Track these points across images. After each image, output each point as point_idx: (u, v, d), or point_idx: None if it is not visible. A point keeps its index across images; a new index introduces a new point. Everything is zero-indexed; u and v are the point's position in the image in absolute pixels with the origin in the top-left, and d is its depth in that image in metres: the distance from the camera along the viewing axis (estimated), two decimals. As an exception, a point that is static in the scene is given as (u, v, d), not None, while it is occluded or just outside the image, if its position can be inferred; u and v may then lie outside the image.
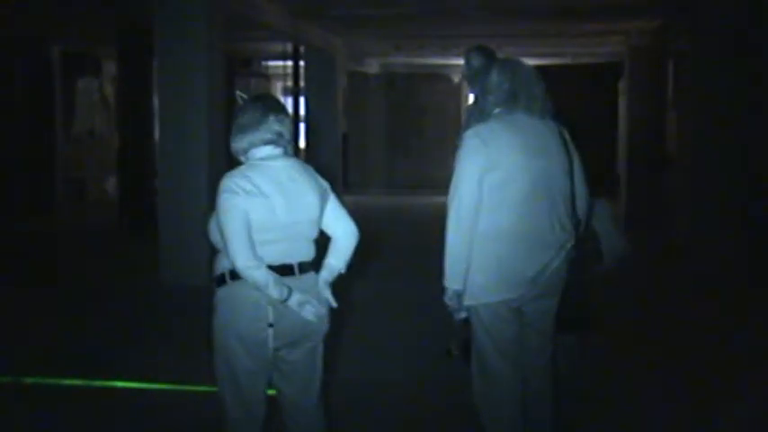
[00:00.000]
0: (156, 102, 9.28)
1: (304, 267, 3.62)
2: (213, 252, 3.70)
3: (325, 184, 3.78)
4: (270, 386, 3.74)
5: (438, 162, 19.10)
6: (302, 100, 15.44)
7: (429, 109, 20.78)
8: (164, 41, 9.00)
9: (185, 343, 6.64)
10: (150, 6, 9.04)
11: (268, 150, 3.62)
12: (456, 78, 20.54)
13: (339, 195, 3.84)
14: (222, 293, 3.60)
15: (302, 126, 14.94)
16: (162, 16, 8.96)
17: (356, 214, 3.93)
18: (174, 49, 8.93)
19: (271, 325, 3.53)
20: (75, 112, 16.63)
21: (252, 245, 3.48)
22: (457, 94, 20.73)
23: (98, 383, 5.85)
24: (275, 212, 3.53)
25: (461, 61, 6.47)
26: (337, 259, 3.74)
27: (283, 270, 3.54)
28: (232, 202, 3.50)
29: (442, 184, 5.17)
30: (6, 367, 6.13)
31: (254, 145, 3.63)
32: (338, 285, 3.75)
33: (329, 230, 3.77)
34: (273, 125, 3.63)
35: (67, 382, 5.88)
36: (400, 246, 11.46)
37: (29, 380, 5.89)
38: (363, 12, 12.03)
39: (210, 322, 3.64)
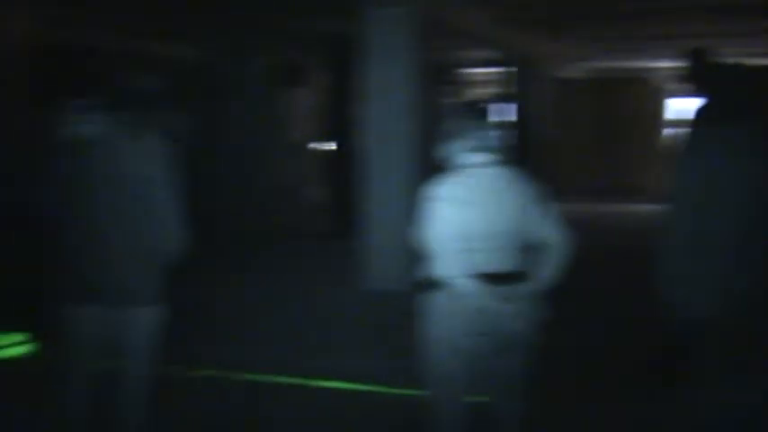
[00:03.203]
0: (361, 110, 9.48)
1: (510, 276, 3.58)
2: (416, 258, 3.71)
3: (538, 193, 3.72)
4: (477, 393, 3.73)
5: (643, 169, 18.53)
6: (506, 107, 15.38)
7: (633, 114, 20.18)
8: (369, 51, 9.17)
9: (388, 347, 6.73)
10: (357, 17, 9.24)
11: (475, 158, 3.61)
12: (660, 82, 19.85)
13: (551, 203, 3.76)
14: (427, 300, 3.61)
15: (509, 133, 14.87)
16: (368, 26, 9.15)
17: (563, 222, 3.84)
18: (379, 58, 9.09)
19: (474, 333, 3.51)
20: (287, 122, 17.25)
21: (457, 253, 3.48)
22: (660, 99, 20.03)
23: (306, 383, 6.02)
24: (480, 221, 3.51)
25: (668, 64, 6.23)
26: (547, 269, 3.67)
27: (488, 279, 3.51)
28: (436, 210, 3.51)
29: (646, 191, 4.99)
30: (217, 363, 6.41)
31: (460, 152, 3.63)
32: (546, 295, 3.68)
33: (541, 239, 3.69)
34: (480, 132, 3.61)
35: (278, 379, 6.09)
36: (607, 254, 11.18)
37: (242, 376, 6.13)
38: (568, 14, 11.81)
39: (415, 328, 3.66)
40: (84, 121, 3.84)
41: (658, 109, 19.56)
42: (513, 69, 15.96)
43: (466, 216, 3.49)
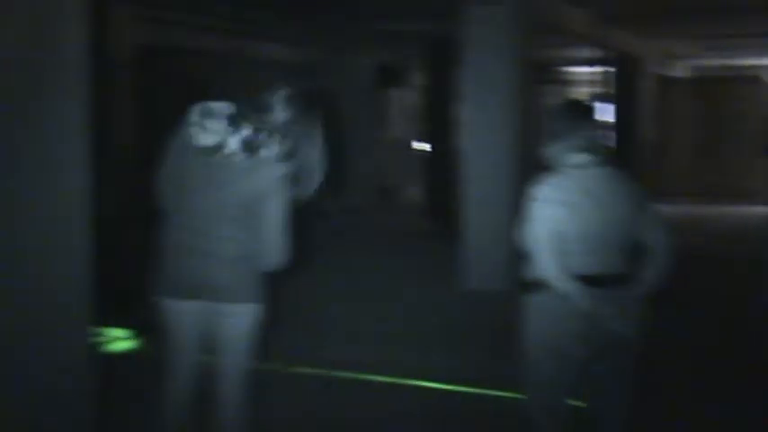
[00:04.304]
0: (461, 110, 9.47)
1: (614, 279, 3.52)
2: (517, 259, 3.69)
3: (641, 194, 3.66)
4: (577, 396, 3.69)
5: (752, 170, 17.96)
6: (606, 106, 15.15)
7: (738, 113, 19.58)
8: (469, 50, 9.16)
9: (487, 348, 6.69)
10: (457, 17, 9.24)
11: (580, 158, 3.57)
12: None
13: (654, 205, 3.68)
14: (530, 301, 3.59)
15: (610, 133, 14.67)
16: (468, 25, 9.13)
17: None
18: (480, 58, 9.06)
19: (577, 336, 3.47)
20: (387, 122, 17.36)
21: (559, 254, 3.44)
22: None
23: (404, 382, 6.04)
24: (584, 223, 3.47)
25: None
26: (651, 273, 3.60)
27: (592, 281, 3.47)
28: (540, 210, 3.48)
29: (756, 193, 4.84)
30: (315, 360, 6.47)
31: (565, 152, 3.59)
32: (649, 298, 3.61)
33: (643, 241, 3.63)
34: (586, 132, 3.57)
35: (377, 378, 6.11)
36: (711, 256, 10.91)
37: (341, 373, 6.18)
38: (674, 7, 11.52)
39: (515, 329, 3.64)
40: (212, 129, 3.86)
41: (768, 108, 18.91)
42: (614, 68, 15.71)
43: (568, 217, 3.46)
